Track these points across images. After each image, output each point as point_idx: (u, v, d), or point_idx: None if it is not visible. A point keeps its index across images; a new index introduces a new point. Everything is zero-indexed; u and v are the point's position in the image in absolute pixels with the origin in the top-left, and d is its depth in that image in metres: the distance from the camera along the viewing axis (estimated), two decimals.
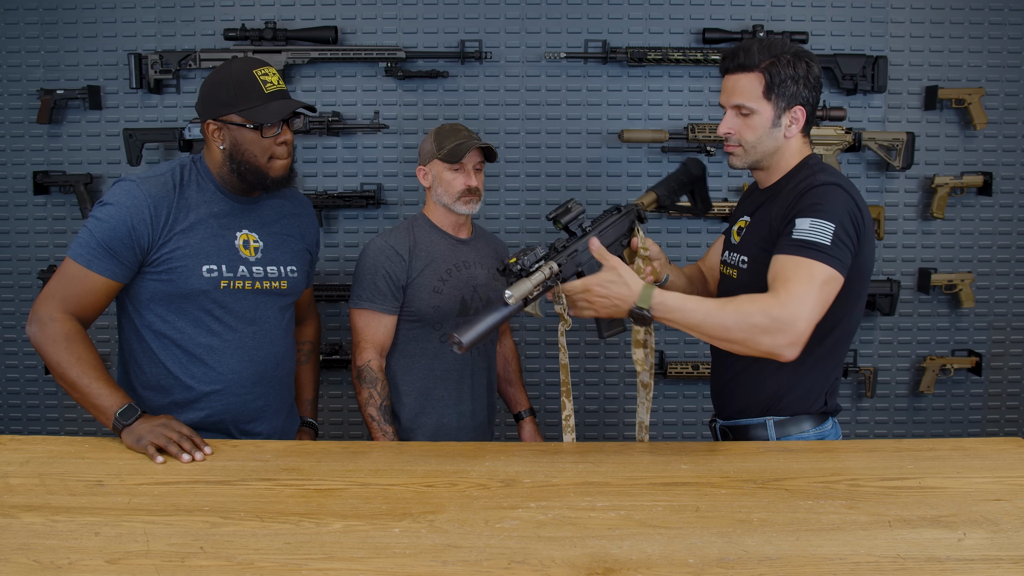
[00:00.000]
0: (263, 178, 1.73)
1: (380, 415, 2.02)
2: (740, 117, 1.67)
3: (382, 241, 2.07)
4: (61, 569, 1.14)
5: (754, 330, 1.48)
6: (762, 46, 1.64)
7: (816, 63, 1.66)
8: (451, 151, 2.01)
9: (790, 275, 1.51)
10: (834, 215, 1.54)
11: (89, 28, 2.77)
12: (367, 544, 1.21)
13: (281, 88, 1.73)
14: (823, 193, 1.57)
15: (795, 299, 1.48)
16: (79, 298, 1.66)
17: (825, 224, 1.53)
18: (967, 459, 1.55)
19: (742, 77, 1.65)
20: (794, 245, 1.54)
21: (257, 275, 1.78)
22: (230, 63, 1.72)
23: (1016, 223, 2.91)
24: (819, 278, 1.51)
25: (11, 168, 2.83)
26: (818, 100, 1.68)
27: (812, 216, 1.54)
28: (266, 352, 1.81)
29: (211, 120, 1.71)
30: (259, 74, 1.70)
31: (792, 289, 1.49)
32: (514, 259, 1.56)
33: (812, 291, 1.49)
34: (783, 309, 1.47)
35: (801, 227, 1.54)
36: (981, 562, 1.16)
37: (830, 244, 1.52)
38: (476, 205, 2.06)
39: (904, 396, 2.98)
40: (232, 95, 1.68)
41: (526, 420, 2.29)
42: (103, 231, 1.64)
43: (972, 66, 2.83)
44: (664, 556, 1.18)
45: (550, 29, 2.79)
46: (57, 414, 2.95)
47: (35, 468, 1.49)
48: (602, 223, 1.73)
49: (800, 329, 1.48)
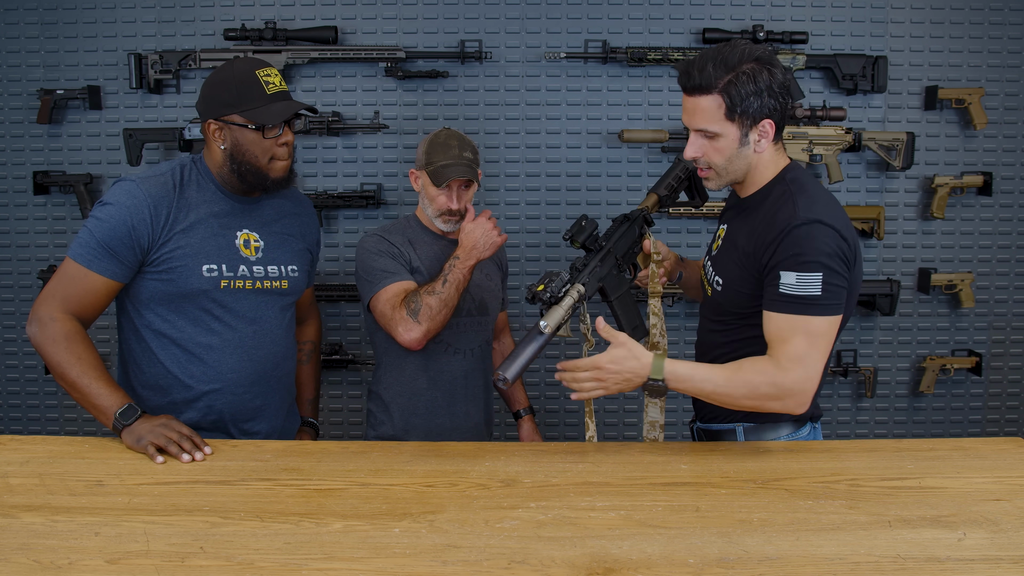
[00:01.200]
0: (263, 179, 1.73)
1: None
2: (706, 139, 1.58)
3: (377, 235, 2.03)
4: (61, 569, 1.14)
5: (764, 399, 1.53)
6: (717, 61, 1.52)
7: (778, 65, 1.56)
8: (436, 172, 1.96)
9: (787, 336, 1.50)
10: (819, 263, 1.48)
11: (89, 28, 2.77)
12: (367, 544, 1.21)
13: (283, 89, 1.72)
14: (804, 239, 1.50)
15: (797, 364, 1.50)
16: (79, 298, 1.66)
17: (812, 276, 1.48)
18: (967, 459, 1.55)
19: (701, 99, 1.54)
20: (784, 302, 1.51)
21: (258, 275, 1.78)
22: (232, 63, 1.72)
23: (1016, 223, 2.91)
24: (817, 332, 1.50)
25: (11, 168, 2.83)
26: (787, 104, 1.58)
27: (797, 270, 1.49)
28: (266, 352, 1.81)
29: (212, 120, 1.71)
30: (261, 75, 1.70)
31: (792, 353, 1.50)
32: (541, 287, 1.60)
33: (813, 349, 1.50)
34: (787, 376, 1.50)
35: (787, 282, 1.50)
36: (981, 562, 1.16)
37: (821, 294, 1.49)
38: (456, 225, 2.02)
39: (904, 396, 2.98)
40: (234, 95, 1.68)
41: (525, 419, 2.29)
42: (103, 231, 1.64)
43: (972, 66, 2.83)
44: (664, 556, 1.18)
45: (550, 29, 2.79)
46: (57, 414, 2.95)
47: (35, 468, 1.49)
48: (614, 235, 1.76)
49: (807, 389, 1.52)
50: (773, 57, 1.57)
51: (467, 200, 2.02)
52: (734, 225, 1.69)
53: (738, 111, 1.53)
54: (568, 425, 2.96)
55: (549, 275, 1.62)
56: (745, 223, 1.64)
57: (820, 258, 1.49)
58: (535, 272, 2.88)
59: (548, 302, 1.60)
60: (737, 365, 1.54)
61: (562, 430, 2.95)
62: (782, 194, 1.59)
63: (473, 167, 1.99)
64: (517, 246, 2.84)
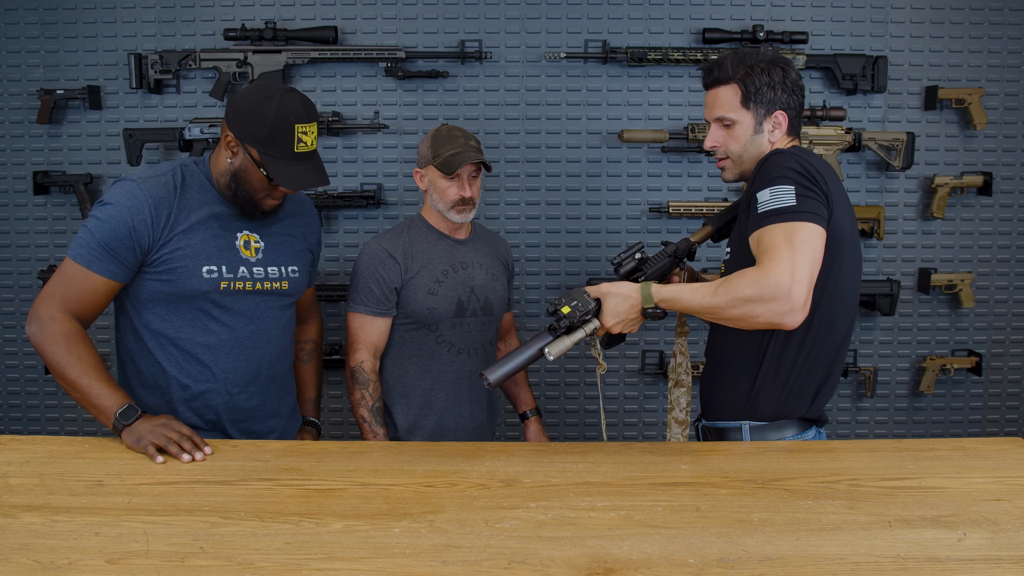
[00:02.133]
0: (253, 208, 1.74)
1: (371, 416, 2.02)
2: (723, 129, 1.70)
3: (376, 244, 2.06)
4: (61, 569, 1.14)
5: (747, 303, 1.49)
6: (736, 58, 1.67)
7: (792, 68, 1.69)
8: (446, 161, 1.99)
9: (767, 245, 1.51)
10: (789, 177, 1.54)
11: (89, 28, 2.77)
12: (367, 544, 1.21)
13: (312, 149, 1.70)
14: (772, 162, 1.59)
15: (776, 264, 1.47)
16: (79, 298, 1.65)
17: (784, 188, 1.53)
18: (967, 459, 1.55)
19: (720, 90, 1.69)
20: (762, 217, 1.54)
21: (258, 276, 1.78)
22: (283, 97, 1.66)
23: (1016, 223, 2.91)
24: (796, 237, 1.49)
25: (11, 168, 2.83)
26: (801, 104, 1.71)
27: (769, 185, 1.55)
28: (262, 351, 1.81)
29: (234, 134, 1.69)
30: (299, 130, 1.66)
31: (772, 255, 1.49)
32: (567, 308, 1.64)
33: (792, 251, 1.48)
34: (768, 277, 1.47)
35: (762, 199, 1.55)
36: (981, 562, 1.16)
37: (796, 203, 1.52)
38: (470, 214, 2.05)
39: (904, 396, 2.98)
40: (266, 136, 1.64)
41: (531, 420, 2.28)
42: (103, 231, 1.64)
43: (972, 66, 2.84)
44: (664, 556, 1.18)
45: (550, 29, 2.79)
46: (57, 414, 2.95)
47: (35, 468, 1.49)
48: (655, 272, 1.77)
49: (791, 291, 1.46)
50: (787, 60, 1.71)
51: (477, 189, 2.05)
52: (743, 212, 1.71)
53: (753, 99, 1.67)
54: (568, 425, 2.96)
55: (572, 295, 1.65)
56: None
57: (790, 173, 1.55)
58: (534, 272, 2.88)
59: (567, 329, 1.64)
60: (724, 278, 1.56)
61: (562, 430, 2.95)
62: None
63: (480, 153, 2.02)
64: (517, 246, 2.85)
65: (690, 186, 2.85)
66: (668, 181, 2.86)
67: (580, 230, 2.88)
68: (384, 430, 2.04)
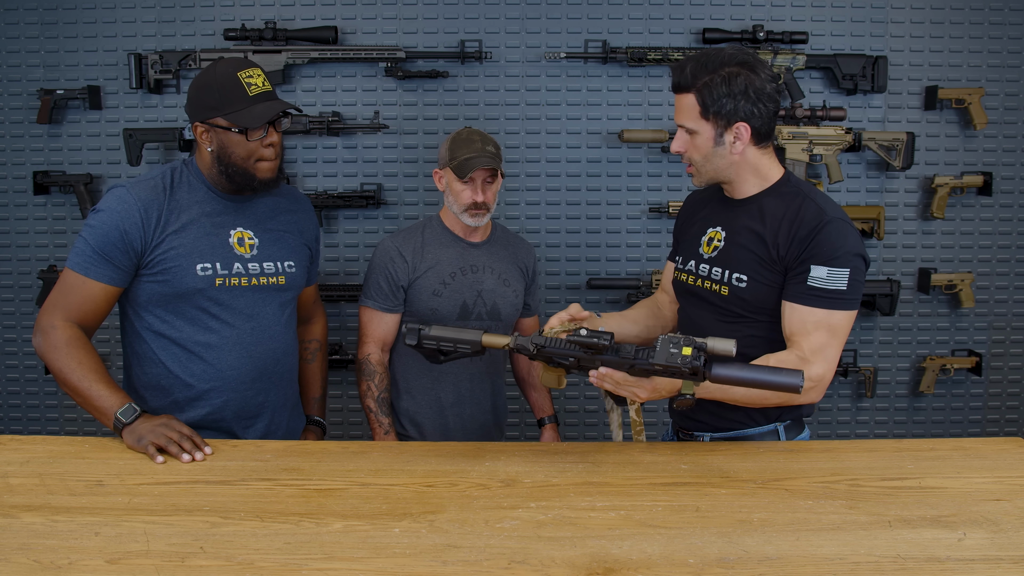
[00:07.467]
0: (250, 180, 1.74)
1: (377, 406, 2.07)
2: (688, 135, 1.65)
3: (389, 242, 2.10)
4: (61, 569, 1.14)
5: (790, 397, 1.57)
6: (698, 64, 1.59)
7: (762, 70, 1.60)
8: (460, 164, 2.00)
9: (811, 330, 1.57)
10: (848, 259, 1.56)
11: (89, 28, 2.77)
12: (367, 544, 1.21)
13: (266, 89, 1.71)
14: (836, 235, 1.57)
15: (820, 356, 1.56)
16: (80, 306, 1.67)
17: (841, 272, 1.56)
18: (967, 459, 1.55)
19: (682, 98, 1.63)
20: (811, 296, 1.57)
21: (253, 271, 1.79)
22: (215, 65, 1.72)
23: (1016, 223, 2.91)
24: (838, 326, 1.58)
25: (11, 168, 2.83)
26: (772, 110, 1.61)
27: (828, 265, 1.56)
28: (265, 348, 1.81)
29: (199, 123, 1.71)
30: (243, 76, 1.69)
31: (816, 346, 1.56)
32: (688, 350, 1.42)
33: (834, 341, 1.58)
34: (812, 369, 1.54)
35: (817, 275, 1.57)
36: (981, 562, 1.16)
37: (847, 289, 1.57)
38: (483, 218, 2.05)
39: (904, 396, 2.98)
40: (217, 98, 1.68)
41: (548, 426, 2.27)
42: (96, 238, 1.66)
43: (972, 66, 2.84)
44: (664, 556, 1.18)
45: (550, 29, 2.79)
46: (57, 414, 2.95)
47: (35, 468, 1.49)
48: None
49: (827, 381, 1.59)
50: (758, 63, 1.61)
51: (492, 195, 2.05)
52: (734, 225, 1.69)
53: (711, 111, 1.60)
54: (568, 425, 2.96)
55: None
56: (752, 221, 1.66)
57: (850, 255, 1.57)
58: None
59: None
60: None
61: (562, 430, 2.94)
62: (796, 195, 1.64)
63: (496, 159, 2.02)
64: None
65: (690, 186, 2.85)
66: (668, 181, 2.86)
67: (580, 230, 2.88)
68: (390, 420, 2.08)
